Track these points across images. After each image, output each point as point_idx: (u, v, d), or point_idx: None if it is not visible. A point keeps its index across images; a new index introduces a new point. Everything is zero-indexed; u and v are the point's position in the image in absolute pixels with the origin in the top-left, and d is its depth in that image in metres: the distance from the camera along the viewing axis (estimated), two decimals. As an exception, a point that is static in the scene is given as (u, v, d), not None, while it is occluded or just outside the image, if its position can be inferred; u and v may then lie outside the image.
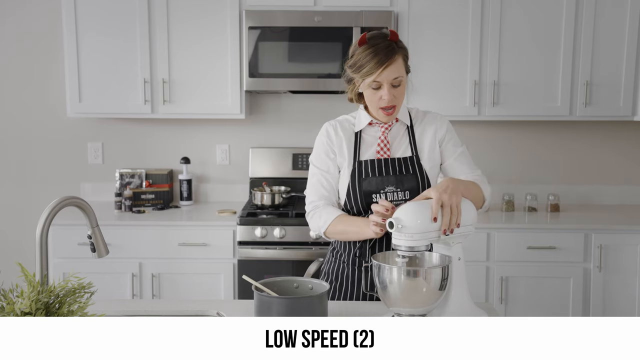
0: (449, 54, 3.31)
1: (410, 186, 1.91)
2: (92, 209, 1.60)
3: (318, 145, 1.99)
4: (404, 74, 1.88)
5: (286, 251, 3.11)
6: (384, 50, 1.81)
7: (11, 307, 1.24)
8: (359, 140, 1.96)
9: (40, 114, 3.70)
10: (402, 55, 1.86)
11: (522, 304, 3.15)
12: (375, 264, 1.65)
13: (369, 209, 1.90)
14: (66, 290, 1.32)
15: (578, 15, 3.28)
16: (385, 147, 1.94)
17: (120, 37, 3.32)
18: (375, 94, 1.86)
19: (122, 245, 3.17)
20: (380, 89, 1.85)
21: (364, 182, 1.91)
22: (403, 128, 1.98)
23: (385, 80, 1.83)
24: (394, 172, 1.92)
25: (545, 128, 3.69)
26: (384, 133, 1.95)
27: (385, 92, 1.84)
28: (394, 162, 1.93)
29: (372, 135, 1.97)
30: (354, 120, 2.00)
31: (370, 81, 1.84)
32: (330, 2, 3.28)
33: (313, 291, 1.75)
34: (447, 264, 1.64)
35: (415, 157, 1.94)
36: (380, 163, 1.92)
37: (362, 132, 1.97)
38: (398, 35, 1.87)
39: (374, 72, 1.81)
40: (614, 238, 3.11)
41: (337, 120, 2.01)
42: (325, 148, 1.97)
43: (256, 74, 3.29)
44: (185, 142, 3.74)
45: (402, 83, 1.88)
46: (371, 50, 1.82)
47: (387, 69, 1.81)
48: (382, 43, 1.83)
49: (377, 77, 1.82)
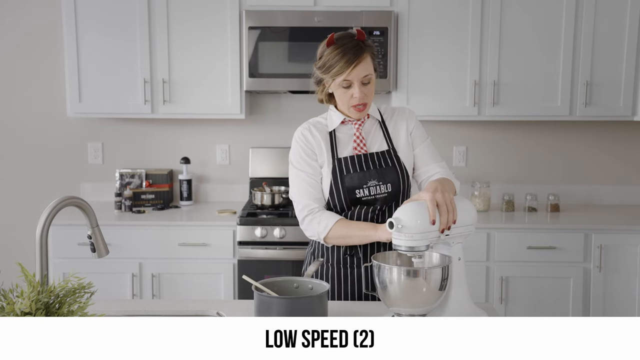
0: (449, 54, 3.31)
1: (392, 179, 1.94)
2: (92, 209, 1.60)
3: (297, 149, 1.99)
4: (373, 71, 1.91)
5: (286, 251, 3.11)
6: (352, 50, 1.84)
7: (11, 307, 1.24)
8: (334, 139, 1.98)
9: (41, 114, 3.71)
10: (369, 54, 1.89)
11: (522, 304, 3.15)
12: (375, 264, 1.65)
13: (352, 204, 1.93)
14: (66, 290, 1.32)
15: (578, 15, 3.28)
16: (362, 143, 1.97)
17: (120, 37, 3.32)
18: (347, 92, 1.89)
19: (122, 245, 3.17)
20: (351, 87, 1.88)
21: (345, 179, 1.93)
22: (375, 123, 2.02)
23: (356, 79, 1.86)
24: (374, 166, 1.95)
25: (545, 128, 3.69)
26: (358, 129, 1.98)
27: (357, 90, 1.87)
28: (372, 156, 1.96)
29: (346, 134, 1.99)
30: (325, 121, 2.02)
31: (341, 80, 1.87)
32: (330, 2, 3.28)
33: (313, 291, 1.75)
34: (447, 264, 1.64)
35: (393, 150, 1.98)
36: (360, 158, 1.95)
37: (336, 131, 1.99)
38: (365, 35, 1.89)
39: (344, 71, 1.84)
40: (614, 238, 3.11)
41: (308, 123, 2.03)
42: (306, 150, 1.98)
43: (256, 74, 3.29)
44: (185, 142, 3.74)
45: (372, 81, 1.91)
46: (340, 50, 1.84)
47: (357, 67, 1.84)
48: (350, 42, 1.86)
49: (348, 75, 1.85)
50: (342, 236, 1.89)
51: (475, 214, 1.75)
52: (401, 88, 3.32)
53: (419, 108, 3.32)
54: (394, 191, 1.94)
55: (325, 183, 1.96)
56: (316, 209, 1.93)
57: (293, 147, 2.01)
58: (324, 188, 1.97)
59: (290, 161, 2.01)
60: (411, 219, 1.60)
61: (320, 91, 1.97)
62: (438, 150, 2.08)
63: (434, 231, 1.62)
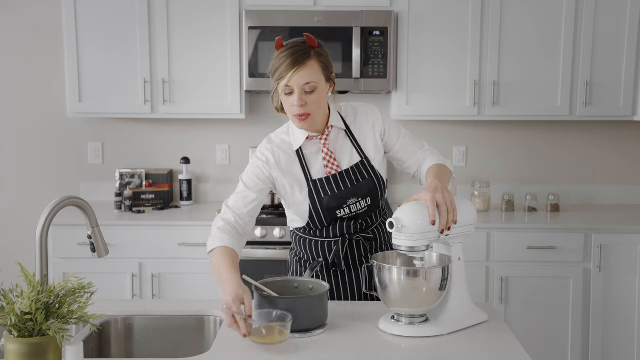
0: (449, 54, 3.31)
1: (369, 192, 1.89)
2: (92, 209, 1.60)
3: (252, 166, 1.90)
4: (320, 79, 1.77)
5: (286, 251, 3.11)
6: (296, 54, 1.73)
7: (11, 307, 1.24)
8: (303, 159, 1.88)
9: (41, 114, 3.70)
10: (317, 61, 1.76)
11: (522, 304, 3.15)
12: (375, 264, 1.65)
13: (333, 221, 1.88)
14: (66, 290, 1.32)
15: (578, 15, 3.27)
16: (332, 159, 1.88)
17: (120, 36, 3.32)
18: (288, 100, 1.78)
19: (122, 245, 3.17)
20: (293, 94, 1.77)
21: (324, 201, 1.86)
22: (341, 134, 1.92)
23: (296, 85, 1.74)
24: (351, 183, 1.87)
25: (545, 128, 3.69)
26: (325, 145, 1.88)
27: (296, 98, 1.75)
28: (348, 173, 1.88)
29: (312, 151, 1.89)
30: (288, 138, 1.90)
31: (283, 86, 1.76)
32: (330, 2, 3.28)
33: (313, 291, 1.75)
34: (447, 264, 1.65)
35: (365, 160, 1.90)
36: (336, 178, 1.87)
37: (302, 148, 1.88)
38: (317, 42, 1.78)
39: (285, 76, 1.74)
40: (614, 238, 3.11)
41: (272, 144, 1.90)
42: (258, 172, 1.88)
43: (256, 74, 3.29)
44: (185, 142, 3.74)
45: (318, 90, 1.77)
46: (285, 54, 1.75)
47: (298, 72, 1.73)
48: (297, 47, 1.76)
49: (288, 81, 1.74)
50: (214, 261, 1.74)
51: (475, 214, 1.75)
52: (401, 88, 3.32)
53: (418, 108, 3.33)
54: (373, 203, 1.91)
55: (303, 207, 1.89)
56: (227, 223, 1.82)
57: (251, 163, 1.90)
58: (301, 212, 1.89)
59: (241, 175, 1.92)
60: (411, 219, 1.59)
61: (273, 99, 1.86)
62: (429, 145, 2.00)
63: (434, 231, 1.62)
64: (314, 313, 1.63)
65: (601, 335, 3.14)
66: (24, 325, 1.26)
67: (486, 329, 1.69)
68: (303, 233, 1.98)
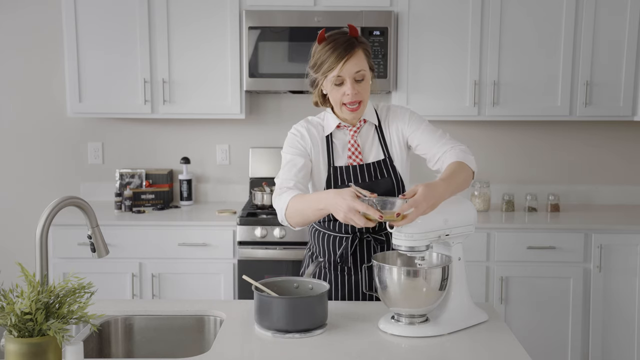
0: (449, 54, 3.31)
1: (386, 189, 1.89)
2: (92, 209, 1.60)
3: (290, 140, 1.93)
4: (367, 68, 1.84)
5: (286, 251, 3.11)
6: (343, 45, 1.78)
7: (11, 307, 1.24)
8: (331, 145, 1.92)
9: (41, 114, 3.70)
10: (362, 50, 1.82)
11: (522, 304, 3.15)
12: (375, 264, 1.65)
13: None
14: (66, 290, 1.32)
15: (578, 15, 3.27)
16: (357, 152, 1.91)
17: (120, 36, 3.32)
18: (339, 90, 1.83)
19: (122, 245, 3.17)
20: (343, 84, 1.81)
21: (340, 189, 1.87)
22: (372, 129, 1.95)
23: (348, 75, 1.80)
24: (369, 178, 1.89)
25: (545, 128, 3.69)
26: (353, 137, 1.92)
27: (349, 87, 1.80)
28: (368, 167, 1.91)
29: (341, 139, 1.93)
30: (322, 122, 1.95)
31: (333, 77, 1.80)
32: (330, 2, 3.28)
33: (313, 291, 1.75)
34: (447, 264, 1.65)
35: (389, 159, 1.93)
36: (356, 170, 1.90)
37: (332, 136, 1.93)
38: (358, 31, 1.84)
39: (335, 67, 1.78)
40: (614, 238, 3.11)
41: (306, 121, 1.95)
42: (299, 144, 1.91)
43: (256, 74, 3.29)
44: (185, 142, 3.74)
45: (366, 78, 1.84)
46: (330, 46, 1.79)
47: (348, 62, 1.78)
48: (341, 38, 1.81)
49: (339, 71, 1.78)
50: (298, 210, 1.74)
51: (475, 214, 1.75)
52: (401, 88, 3.32)
53: (418, 108, 3.30)
54: None
55: (320, 189, 1.91)
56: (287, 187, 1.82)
57: (287, 139, 1.94)
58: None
59: (282, 152, 1.94)
60: (411, 219, 1.59)
61: (315, 93, 1.91)
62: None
63: (434, 231, 1.62)
64: (314, 313, 1.63)
65: (601, 335, 3.14)
66: (24, 325, 1.25)
67: (486, 329, 1.69)
68: (318, 225, 1.99)
